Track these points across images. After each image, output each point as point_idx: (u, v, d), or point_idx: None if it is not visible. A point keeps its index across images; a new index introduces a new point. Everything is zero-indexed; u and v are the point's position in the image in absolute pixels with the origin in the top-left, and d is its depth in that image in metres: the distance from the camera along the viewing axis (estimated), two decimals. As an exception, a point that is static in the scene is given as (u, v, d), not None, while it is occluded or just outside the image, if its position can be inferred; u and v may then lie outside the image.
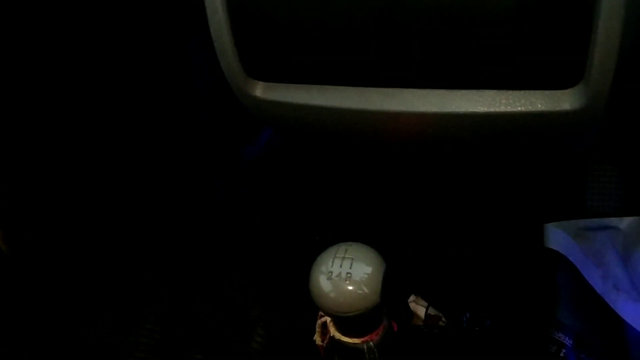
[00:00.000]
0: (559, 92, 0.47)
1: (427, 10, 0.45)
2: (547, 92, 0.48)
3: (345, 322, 0.49)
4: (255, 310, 0.84)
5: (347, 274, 0.46)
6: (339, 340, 0.50)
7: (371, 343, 0.50)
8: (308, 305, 0.53)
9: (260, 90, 0.54)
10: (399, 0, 0.45)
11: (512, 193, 0.79)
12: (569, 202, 0.82)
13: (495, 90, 0.48)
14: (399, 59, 0.49)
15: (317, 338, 0.53)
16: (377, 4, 0.46)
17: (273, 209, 0.89)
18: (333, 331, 0.50)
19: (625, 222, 0.78)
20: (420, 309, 0.76)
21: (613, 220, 0.79)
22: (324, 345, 0.53)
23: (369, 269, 0.46)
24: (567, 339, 0.73)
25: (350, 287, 0.46)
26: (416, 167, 0.72)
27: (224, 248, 0.88)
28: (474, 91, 0.49)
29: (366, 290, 0.46)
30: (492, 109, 0.49)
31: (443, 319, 0.74)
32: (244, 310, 0.84)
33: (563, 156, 0.76)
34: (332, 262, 0.46)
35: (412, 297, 0.76)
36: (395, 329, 0.57)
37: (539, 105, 0.48)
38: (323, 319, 0.52)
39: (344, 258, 0.46)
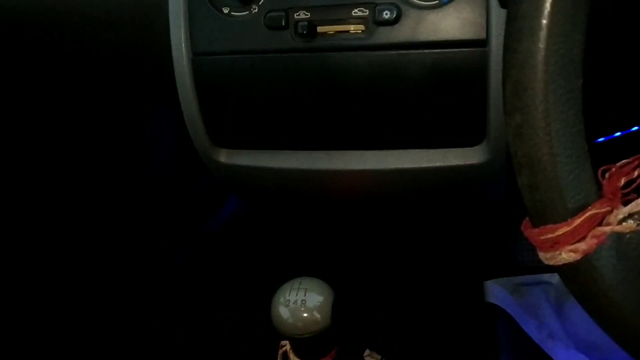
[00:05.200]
0: (468, 149, 0.59)
1: (362, 95, 0.57)
2: (458, 149, 0.60)
3: (302, 345, 0.56)
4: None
5: (302, 301, 0.54)
6: (297, 365, 0.57)
7: (326, 365, 0.57)
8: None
9: (224, 156, 0.64)
10: (340, 86, 0.57)
11: (454, 252, 0.88)
12: (504, 259, 0.92)
13: (418, 150, 0.60)
14: (341, 127, 0.60)
15: (279, 367, 0.60)
16: (320, 89, 0.58)
17: (233, 276, 0.94)
18: (292, 357, 0.57)
19: (556, 277, 0.87)
20: (374, 362, 0.81)
21: (545, 276, 0.89)
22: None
23: (320, 297, 0.55)
24: (509, 386, 0.79)
25: (305, 313, 0.54)
26: (362, 229, 0.81)
27: (185, 319, 0.92)
28: (402, 151, 0.61)
29: (317, 315, 0.54)
30: (416, 165, 0.60)
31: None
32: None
33: (494, 218, 0.87)
34: (289, 292, 0.55)
35: (367, 352, 0.82)
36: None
37: (454, 160, 0.60)
38: (283, 349, 0.58)
39: (299, 289, 0.55)
